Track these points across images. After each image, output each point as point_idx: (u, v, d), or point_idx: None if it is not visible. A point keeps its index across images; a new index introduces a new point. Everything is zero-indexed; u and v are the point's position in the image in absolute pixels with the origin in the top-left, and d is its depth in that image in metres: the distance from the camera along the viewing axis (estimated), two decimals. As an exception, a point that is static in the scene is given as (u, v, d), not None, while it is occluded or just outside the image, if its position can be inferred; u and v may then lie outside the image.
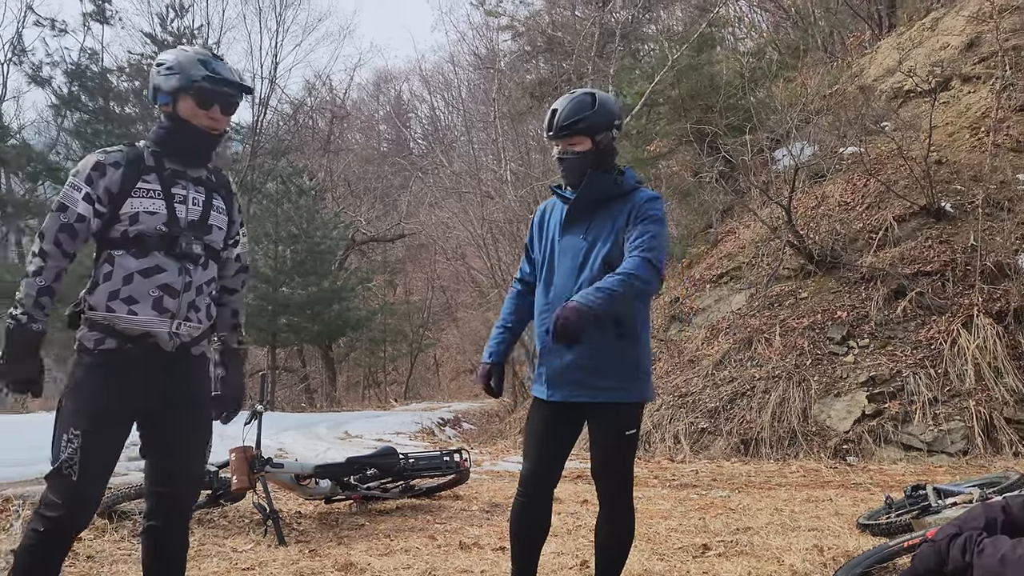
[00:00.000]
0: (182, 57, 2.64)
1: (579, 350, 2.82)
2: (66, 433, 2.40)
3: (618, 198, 2.93)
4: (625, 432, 2.84)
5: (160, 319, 2.51)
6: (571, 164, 2.94)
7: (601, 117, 2.91)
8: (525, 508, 2.97)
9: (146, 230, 2.51)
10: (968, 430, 8.14)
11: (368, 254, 28.31)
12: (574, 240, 2.94)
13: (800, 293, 10.45)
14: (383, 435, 11.99)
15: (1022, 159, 10.47)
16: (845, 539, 4.38)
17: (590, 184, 2.92)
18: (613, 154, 3.00)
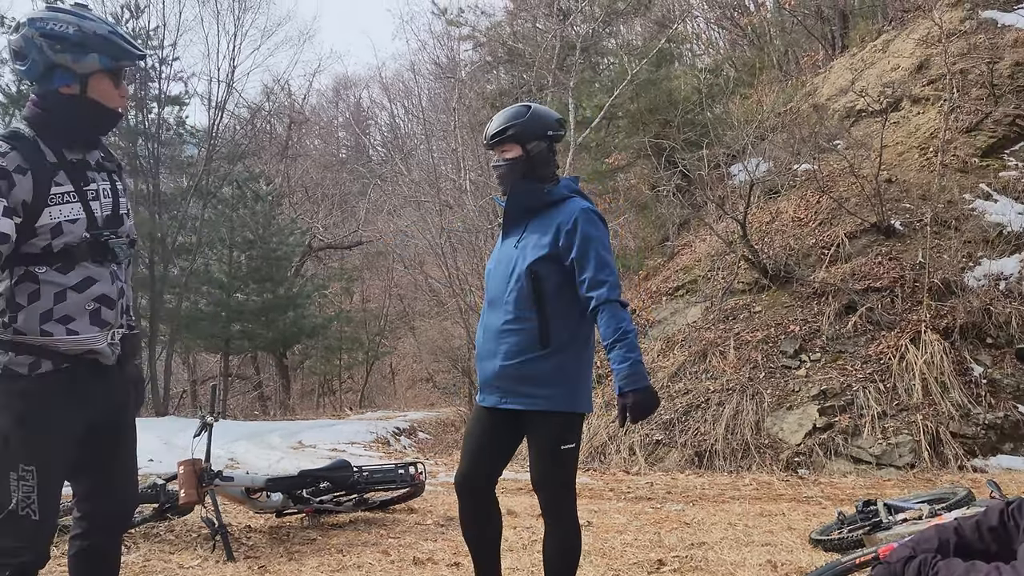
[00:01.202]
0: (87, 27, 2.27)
1: (507, 358, 2.89)
2: (14, 471, 2.15)
3: (551, 206, 2.97)
4: (561, 446, 2.85)
5: (100, 333, 2.32)
6: (502, 172, 3.03)
7: (532, 126, 2.98)
8: (465, 508, 3.07)
9: (71, 241, 2.24)
10: (915, 444, 8.31)
11: (325, 261, 28.01)
12: (508, 248, 3.03)
13: (754, 307, 10.58)
14: (337, 445, 11.85)
15: (968, 179, 10.76)
16: (798, 554, 4.42)
17: (516, 193, 3.00)
18: (547, 164, 3.04)
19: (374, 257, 28.59)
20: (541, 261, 2.90)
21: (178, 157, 19.91)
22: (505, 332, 2.93)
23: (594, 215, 2.96)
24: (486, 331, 3.03)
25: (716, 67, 18.18)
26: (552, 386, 2.86)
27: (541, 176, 3.02)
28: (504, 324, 2.94)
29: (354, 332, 25.94)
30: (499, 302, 2.98)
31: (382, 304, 28.45)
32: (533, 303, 2.88)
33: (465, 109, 18.84)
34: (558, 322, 2.89)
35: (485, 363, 3.01)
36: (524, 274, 2.90)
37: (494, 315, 2.99)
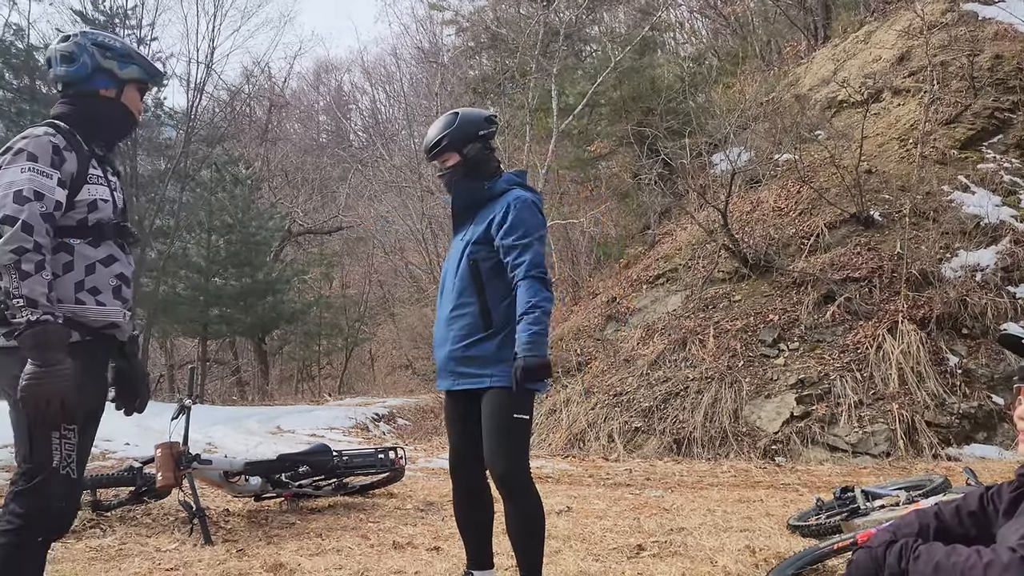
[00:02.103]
0: (129, 47, 2.64)
1: (454, 343, 3.06)
2: (57, 431, 2.26)
3: (492, 200, 3.14)
4: (513, 414, 2.96)
5: (121, 309, 2.49)
6: (447, 178, 3.22)
7: (463, 131, 3.15)
8: (457, 491, 3.22)
9: (103, 218, 2.46)
10: (891, 432, 8.39)
11: (304, 246, 27.82)
12: (457, 243, 3.22)
13: (734, 296, 10.64)
14: (316, 430, 11.81)
15: (947, 171, 10.85)
16: (776, 540, 4.45)
17: (458, 192, 3.20)
18: (487, 162, 3.20)
19: (354, 243, 28.45)
20: (478, 247, 3.06)
21: (156, 139, 19.65)
22: (453, 319, 3.09)
23: (528, 202, 3.09)
24: (438, 321, 3.21)
25: (699, 56, 18.21)
26: (497, 364, 2.98)
27: (483, 173, 3.18)
28: (452, 311, 3.10)
29: (333, 318, 25.82)
30: (448, 292, 3.15)
31: (362, 290, 28.32)
32: (474, 288, 3.04)
33: (447, 94, 18.76)
34: (499, 304, 3.03)
35: (438, 350, 3.17)
36: (465, 262, 3.08)
37: (444, 305, 3.17)
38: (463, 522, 3.24)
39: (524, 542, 3.02)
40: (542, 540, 3.05)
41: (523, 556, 3.03)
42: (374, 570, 3.74)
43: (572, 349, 11.92)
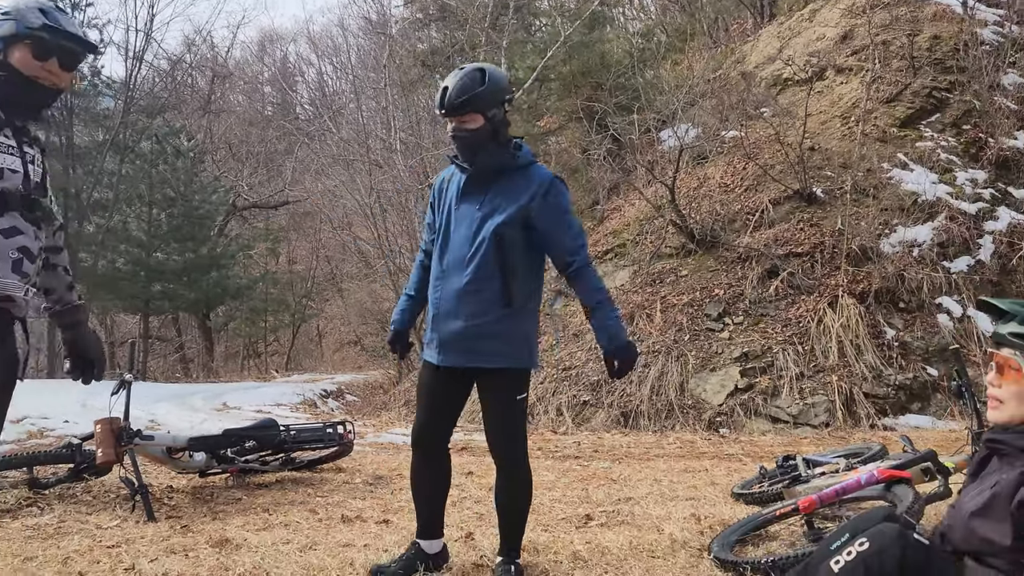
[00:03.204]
0: (20, 2, 2.44)
1: (470, 318, 2.96)
2: None
3: (516, 171, 3.02)
4: (516, 396, 2.99)
5: (20, 283, 2.36)
6: (464, 141, 2.99)
7: (491, 94, 2.96)
8: (419, 462, 3.20)
9: (8, 188, 2.35)
10: (830, 403, 8.63)
11: (250, 221, 27.30)
12: (470, 209, 3.02)
13: (681, 271, 10.77)
14: (263, 407, 11.67)
15: (887, 149, 11.10)
16: (721, 508, 4.55)
17: (485, 159, 3.00)
18: (506, 127, 3.06)
19: (301, 217, 28.04)
20: (507, 225, 2.94)
21: (93, 109, 19.00)
22: (468, 293, 2.97)
23: (563, 184, 3.08)
24: (444, 292, 3.04)
25: (648, 32, 18.25)
26: (513, 343, 2.98)
27: (502, 140, 3.03)
28: (467, 285, 2.97)
29: (280, 294, 25.49)
30: (459, 264, 3.00)
31: (309, 266, 27.98)
32: (498, 265, 2.94)
33: (396, 67, 18.51)
34: (519, 283, 2.97)
35: (445, 324, 3.02)
36: (489, 237, 2.94)
37: (455, 276, 3.01)
38: (419, 491, 3.24)
39: (511, 515, 3.14)
40: (527, 512, 3.20)
41: (508, 529, 3.14)
42: (322, 543, 3.72)
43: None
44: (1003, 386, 1.96)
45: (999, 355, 1.98)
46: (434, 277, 3.10)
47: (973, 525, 1.94)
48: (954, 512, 2.07)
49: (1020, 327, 1.93)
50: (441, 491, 3.25)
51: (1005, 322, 1.98)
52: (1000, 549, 1.87)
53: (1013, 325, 1.95)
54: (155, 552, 3.53)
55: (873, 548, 1.94)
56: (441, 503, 3.26)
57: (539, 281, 3.15)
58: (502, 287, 2.94)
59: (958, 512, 2.04)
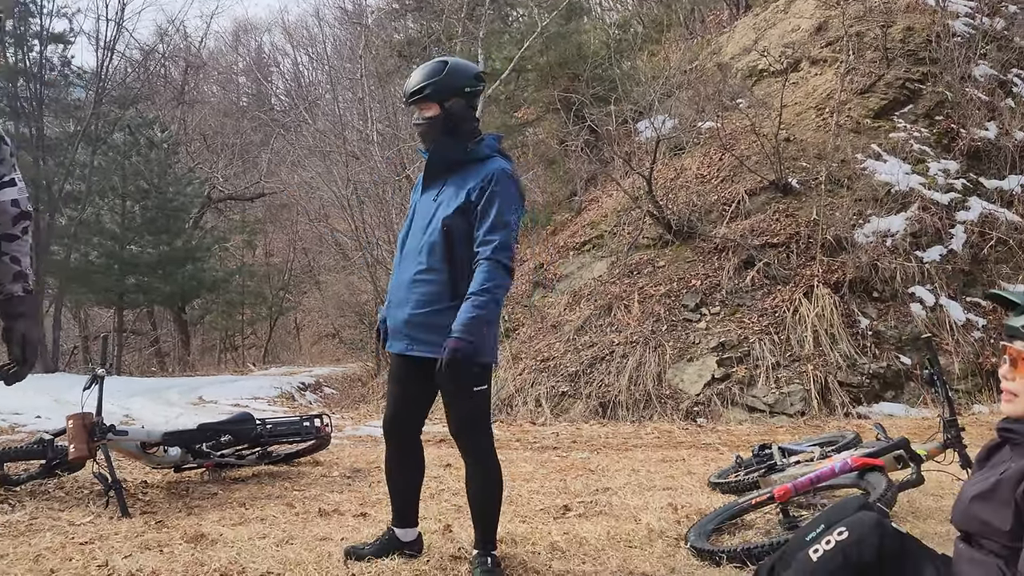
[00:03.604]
0: None
1: (416, 307, 3.00)
2: None
3: (471, 163, 3.04)
4: (473, 388, 2.96)
5: None
6: (423, 129, 3.09)
7: (449, 83, 3.00)
8: (391, 452, 3.23)
9: None
10: (806, 392, 8.71)
11: (225, 213, 27.05)
12: (427, 200, 3.11)
13: (658, 262, 10.81)
14: (240, 400, 11.59)
15: (861, 140, 11.19)
16: (697, 497, 4.58)
17: (438, 149, 3.06)
18: (468, 120, 3.09)
19: (277, 209, 27.83)
20: (454, 215, 2.96)
21: (64, 99, 18.68)
22: (417, 282, 3.01)
23: (509, 177, 3.03)
24: (398, 281, 3.11)
25: (624, 22, 18.26)
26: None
27: (462, 132, 3.05)
28: (416, 275, 3.01)
29: (257, 286, 25.30)
30: (413, 253, 3.05)
31: (286, 258, 27.80)
32: (445, 256, 2.96)
33: (372, 58, 18.39)
34: (468, 275, 2.96)
35: (395, 311, 3.09)
36: (438, 228, 2.98)
37: (407, 266, 3.07)
38: (393, 481, 3.28)
39: (482, 506, 3.11)
40: (499, 503, 3.14)
41: (481, 519, 3.11)
42: (299, 537, 3.70)
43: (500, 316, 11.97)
44: (1017, 379, 1.95)
45: (1013, 348, 1.96)
46: (395, 265, 3.19)
47: (974, 507, 1.97)
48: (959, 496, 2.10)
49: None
50: (414, 481, 3.28)
51: (1018, 314, 1.96)
52: (997, 532, 1.89)
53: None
54: (129, 548, 3.50)
55: (852, 537, 1.96)
56: (415, 493, 3.29)
57: None
58: (449, 278, 2.96)
59: (962, 495, 2.07)
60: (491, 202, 2.93)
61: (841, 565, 1.95)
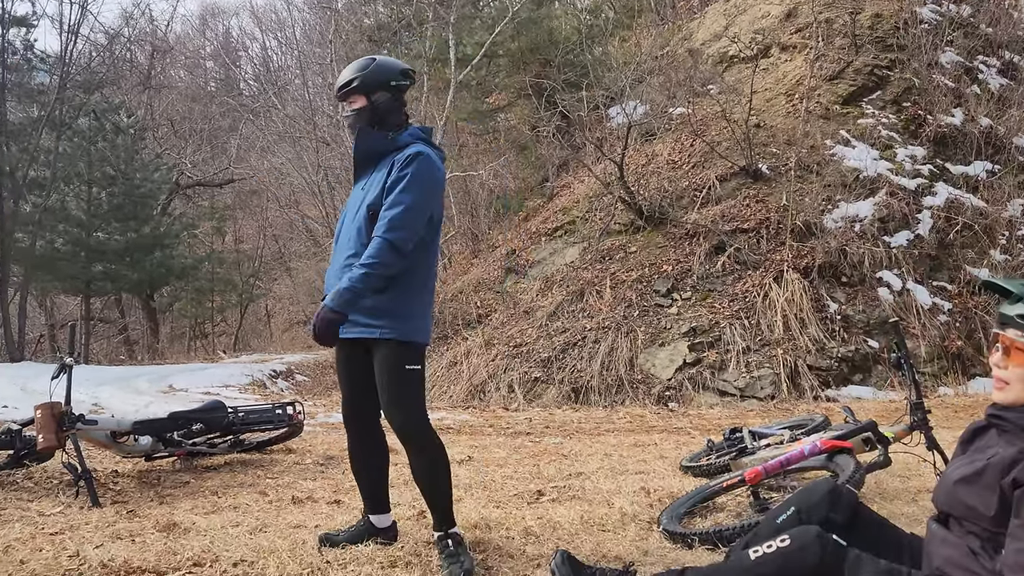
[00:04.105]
0: None
1: None
2: None
3: (393, 152, 3.10)
4: (405, 366, 2.99)
5: None
6: (351, 121, 3.21)
7: (376, 77, 3.12)
8: (352, 440, 3.28)
9: None
10: (776, 376, 8.82)
11: (194, 199, 26.69)
12: (356, 191, 3.22)
13: (630, 247, 10.86)
14: (211, 388, 11.48)
15: (830, 126, 11.30)
16: (670, 481, 4.63)
17: (361, 139, 3.17)
18: (394, 113, 3.17)
19: (247, 196, 27.54)
20: (377, 200, 3.03)
21: (27, 84, 18.27)
22: (347, 267, 3.04)
23: (427, 160, 3.03)
24: (332, 268, 3.18)
25: (596, 8, 18.23)
26: (388, 317, 2.98)
27: (388, 124, 3.14)
28: (347, 259, 3.07)
29: (227, 273, 25.03)
30: (345, 241, 3.13)
31: (256, 245, 27.52)
32: (370, 239, 2.99)
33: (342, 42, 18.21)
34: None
35: None
36: (364, 213, 3.05)
37: (340, 253, 3.15)
38: (358, 469, 3.31)
39: (431, 489, 3.11)
40: (449, 485, 3.14)
41: (432, 502, 3.12)
42: (272, 525, 3.69)
43: (472, 302, 11.97)
44: (1009, 367, 1.95)
45: (1005, 336, 1.96)
46: (332, 254, 3.25)
47: (959, 491, 1.99)
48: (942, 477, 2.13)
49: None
50: (379, 466, 3.30)
51: (1012, 303, 1.96)
52: (982, 517, 1.92)
53: (1020, 307, 1.93)
54: (100, 538, 3.46)
55: (794, 546, 2.00)
56: (383, 479, 3.30)
57: (424, 256, 3.09)
58: None
59: (945, 476, 2.09)
60: (398, 180, 2.98)
61: (778, 569, 1.98)
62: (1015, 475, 1.86)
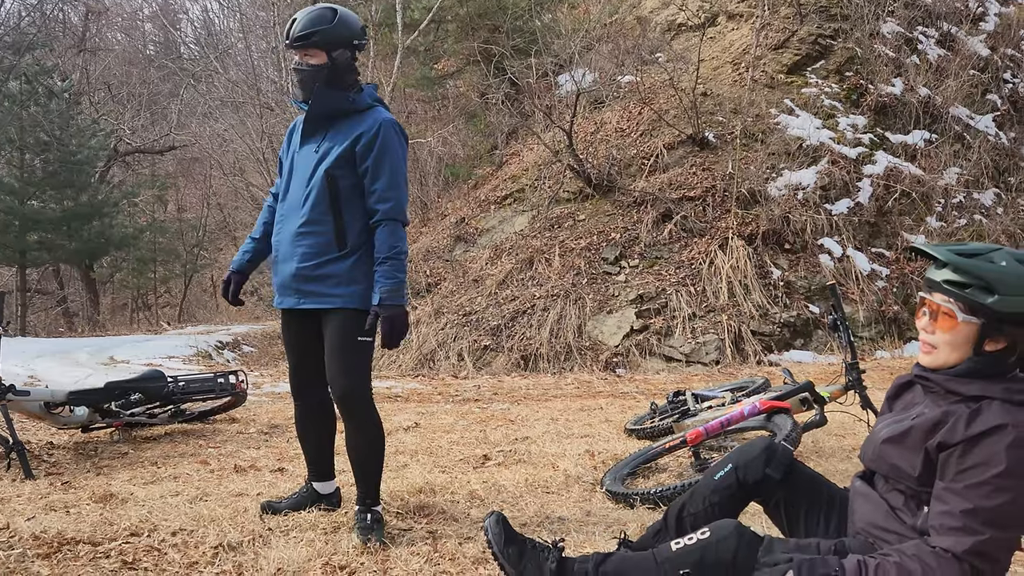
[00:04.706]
0: None
1: (303, 260, 2.97)
2: None
3: (353, 114, 3.01)
4: (357, 337, 2.95)
5: None
6: (304, 77, 3.02)
7: (338, 33, 2.97)
8: (299, 411, 3.25)
9: None
10: (720, 342, 8.97)
11: (134, 167, 25.92)
12: (308, 152, 3.04)
13: (578, 215, 10.88)
14: (154, 360, 11.23)
15: (775, 94, 11.42)
16: (614, 443, 4.69)
17: (320, 99, 3.00)
18: (351, 72, 3.06)
19: (189, 163, 26.83)
20: (339, 166, 2.93)
21: None
22: (302, 235, 2.97)
23: (397, 129, 3.02)
24: (282, 235, 3.06)
25: (545, -27, 18.03)
26: (347, 285, 2.94)
27: (345, 83, 3.03)
28: (300, 227, 2.98)
29: (169, 243, 24.45)
30: (295, 207, 3.01)
31: (200, 214, 26.88)
32: (331, 207, 2.94)
33: (287, 5, 17.73)
34: (355, 225, 2.96)
35: (282, 266, 3.05)
36: (322, 178, 2.94)
37: (291, 219, 3.02)
38: (304, 437, 3.28)
39: (363, 462, 3.06)
40: (381, 460, 3.10)
41: (361, 475, 3.07)
42: (214, 494, 3.64)
43: (421, 270, 11.89)
44: (936, 332, 1.98)
45: (932, 302, 1.99)
46: (276, 221, 3.13)
47: (885, 450, 2.04)
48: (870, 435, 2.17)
49: (955, 275, 1.94)
50: (326, 436, 3.26)
51: (938, 268, 1.99)
52: (907, 476, 1.98)
53: (947, 272, 1.96)
54: (33, 510, 3.38)
55: (713, 538, 2.05)
56: (329, 447, 3.28)
57: None
58: (335, 229, 2.94)
59: (873, 434, 2.14)
60: (383, 155, 2.92)
61: (696, 561, 2.03)
62: (940, 438, 1.90)
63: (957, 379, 1.94)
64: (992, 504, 1.81)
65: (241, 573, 2.67)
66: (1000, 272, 1.89)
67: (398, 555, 2.78)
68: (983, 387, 1.90)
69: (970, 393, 1.91)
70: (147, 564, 2.77)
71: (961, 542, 1.83)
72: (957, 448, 1.86)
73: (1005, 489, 1.80)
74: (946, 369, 1.97)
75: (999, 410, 1.85)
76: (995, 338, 1.91)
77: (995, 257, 1.93)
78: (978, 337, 1.92)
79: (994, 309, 1.88)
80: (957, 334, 1.94)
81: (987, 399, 1.89)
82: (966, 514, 1.83)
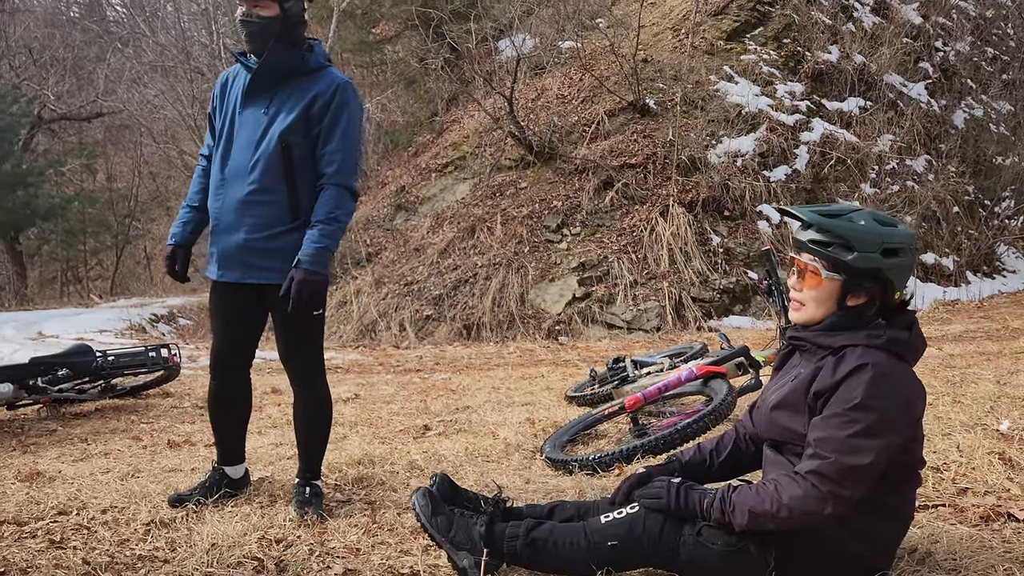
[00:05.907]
0: None
1: (252, 231, 2.79)
2: None
3: (305, 74, 2.83)
4: (312, 311, 2.80)
5: None
6: (255, 29, 2.78)
7: None
8: (218, 388, 3.00)
9: None
10: (661, 309, 9.07)
11: (60, 135, 24.92)
12: (255, 113, 2.83)
13: (520, 183, 10.83)
14: (85, 334, 10.91)
15: (714, 61, 11.48)
16: (554, 411, 4.70)
17: (273, 56, 2.78)
18: (302, 26, 2.85)
19: (118, 130, 25.90)
20: (293, 131, 2.76)
21: None
22: (250, 204, 2.78)
23: (353, 90, 2.85)
24: (224, 202, 2.84)
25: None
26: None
27: (296, 39, 2.82)
28: (248, 195, 2.78)
29: (100, 214, 23.64)
30: (241, 172, 2.79)
31: (131, 183, 26.03)
32: (283, 175, 2.76)
33: (217, -34, 17.18)
34: (308, 194, 2.79)
35: (224, 236, 2.84)
36: (274, 144, 2.75)
37: (236, 185, 2.81)
38: (218, 419, 3.05)
39: (310, 437, 2.97)
40: (327, 435, 3.03)
41: (305, 450, 2.98)
42: (146, 470, 3.54)
43: (361, 240, 11.73)
44: (804, 290, 2.09)
45: (800, 261, 2.10)
46: (214, 186, 2.88)
47: (775, 415, 2.12)
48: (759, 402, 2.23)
49: (819, 235, 2.04)
50: (242, 417, 3.09)
51: (804, 229, 2.09)
52: (798, 436, 2.03)
53: (812, 232, 2.06)
54: (-48, 492, 3.24)
55: (641, 512, 2.11)
56: (243, 428, 3.11)
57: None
58: (288, 198, 2.76)
59: (762, 402, 2.19)
60: (337, 118, 2.76)
61: (624, 533, 2.08)
62: (814, 389, 2.01)
63: (824, 333, 2.06)
64: (843, 434, 1.91)
65: (174, 549, 2.60)
66: (859, 231, 2.01)
67: (336, 527, 2.74)
68: (847, 337, 2.01)
69: (836, 344, 2.02)
70: (76, 543, 2.67)
71: (806, 464, 1.94)
72: (827, 392, 1.97)
73: (855, 421, 1.90)
74: (814, 325, 2.09)
75: (861, 352, 1.97)
76: (856, 293, 2.04)
77: (855, 217, 2.05)
78: (841, 292, 2.04)
79: (853, 266, 2.00)
80: (822, 290, 2.05)
81: (851, 347, 1.99)
82: (818, 441, 1.94)
